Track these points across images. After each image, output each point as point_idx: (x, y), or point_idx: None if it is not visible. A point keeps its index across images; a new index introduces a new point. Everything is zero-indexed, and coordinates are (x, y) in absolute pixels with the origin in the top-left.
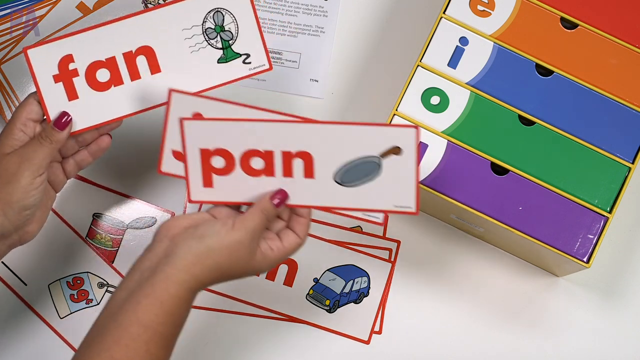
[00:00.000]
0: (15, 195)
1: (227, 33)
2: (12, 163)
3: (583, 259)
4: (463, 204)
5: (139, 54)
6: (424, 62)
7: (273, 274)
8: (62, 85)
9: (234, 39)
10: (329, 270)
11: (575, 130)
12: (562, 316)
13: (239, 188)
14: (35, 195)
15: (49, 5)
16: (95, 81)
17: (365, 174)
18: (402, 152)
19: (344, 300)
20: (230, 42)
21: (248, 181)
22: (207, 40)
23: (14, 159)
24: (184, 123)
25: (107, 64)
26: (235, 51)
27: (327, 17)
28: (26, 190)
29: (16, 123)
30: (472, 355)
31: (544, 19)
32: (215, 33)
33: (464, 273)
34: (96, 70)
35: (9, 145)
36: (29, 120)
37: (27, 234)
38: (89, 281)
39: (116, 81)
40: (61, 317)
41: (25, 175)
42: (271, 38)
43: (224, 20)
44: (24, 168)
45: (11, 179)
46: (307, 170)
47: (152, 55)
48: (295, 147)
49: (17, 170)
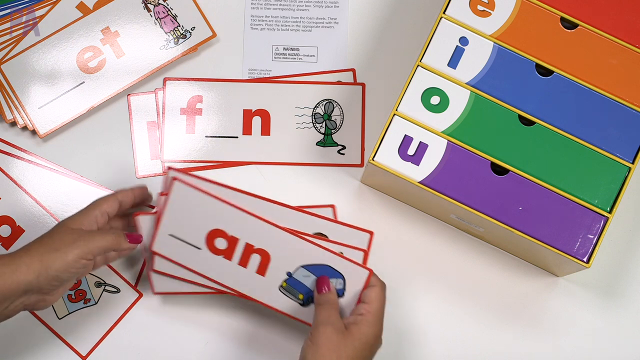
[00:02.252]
0: (56, 265)
1: (332, 122)
2: (70, 237)
3: (583, 259)
4: (463, 204)
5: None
6: (424, 62)
7: (246, 261)
8: None
9: (337, 129)
10: (303, 267)
11: (575, 130)
12: (562, 316)
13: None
14: (73, 273)
15: (49, 5)
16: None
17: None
18: None
19: None
20: (333, 131)
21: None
22: (313, 123)
23: (74, 234)
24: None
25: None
26: (334, 140)
27: (339, 7)
28: (68, 266)
29: (96, 210)
30: (471, 355)
31: (544, 19)
32: (322, 119)
33: (464, 273)
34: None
35: (78, 222)
36: (106, 212)
37: (44, 302)
38: (87, 281)
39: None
40: (59, 317)
41: (75, 252)
42: (286, 35)
43: (333, 111)
44: (78, 245)
45: (61, 249)
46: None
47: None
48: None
49: (71, 244)
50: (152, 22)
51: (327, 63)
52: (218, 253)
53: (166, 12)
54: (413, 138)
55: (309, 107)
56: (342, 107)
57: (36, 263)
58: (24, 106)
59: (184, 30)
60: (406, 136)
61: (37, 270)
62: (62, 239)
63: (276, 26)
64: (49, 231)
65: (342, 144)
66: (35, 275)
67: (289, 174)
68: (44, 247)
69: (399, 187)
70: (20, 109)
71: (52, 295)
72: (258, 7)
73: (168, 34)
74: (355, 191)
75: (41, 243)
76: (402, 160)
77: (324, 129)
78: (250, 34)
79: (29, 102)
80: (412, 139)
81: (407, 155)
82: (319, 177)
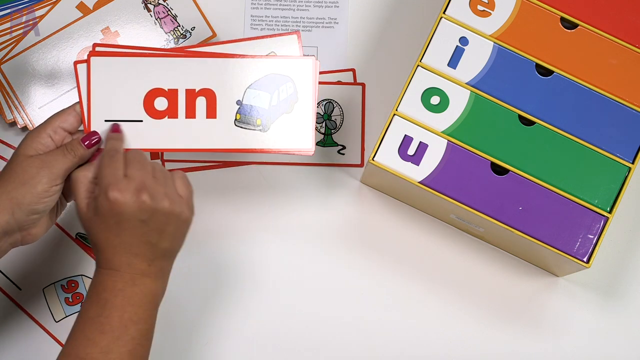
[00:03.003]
0: (27, 198)
1: (332, 122)
2: (32, 166)
3: (583, 259)
4: (463, 204)
5: None
6: (424, 62)
7: (192, 110)
8: None
9: (337, 129)
10: (249, 88)
11: (575, 130)
12: (562, 316)
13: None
14: (47, 203)
15: (49, 5)
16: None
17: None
18: None
19: (274, 114)
20: (333, 131)
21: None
22: None
23: (35, 163)
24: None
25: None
26: (334, 140)
27: (339, 7)
28: (40, 196)
29: (47, 128)
30: (471, 355)
31: (544, 19)
32: (322, 119)
33: (464, 273)
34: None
35: (33, 148)
36: (60, 128)
37: (30, 235)
38: (84, 284)
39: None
40: (56, 320)
41: (42, 181)
42: None
43: (333, 111)
44: (43, 174)
45: (28, 182)
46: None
47: None
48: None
49: (35, 175)
50: (152, 22)
51: (327, 63)
52: (162, 116)
53: (166, 12)
54: (413, 138)
55: None
56: (342, 107)
57: (5, 202)
58: (24, 106)
59: (184, 30)
60: (406, 136)
61: (9, 209)
62: (25, 171)
63: (276, 26)
64: (8, 165)
65: (342, 144)
66: (9, 214)
67: (289, 174)
68: (10, 184)
69: (399, 187)
70: (20, 109)
71: (37, 228)
72: (258, 7)
73: (168, 34)
74: (355, 191)
75: (6, 180)
76: (402, 160)
77: (323, 129)
78: (250, 34)
79: (29, 102)
80: (412, 139)
81: (407, 155)
82: (319, 177)
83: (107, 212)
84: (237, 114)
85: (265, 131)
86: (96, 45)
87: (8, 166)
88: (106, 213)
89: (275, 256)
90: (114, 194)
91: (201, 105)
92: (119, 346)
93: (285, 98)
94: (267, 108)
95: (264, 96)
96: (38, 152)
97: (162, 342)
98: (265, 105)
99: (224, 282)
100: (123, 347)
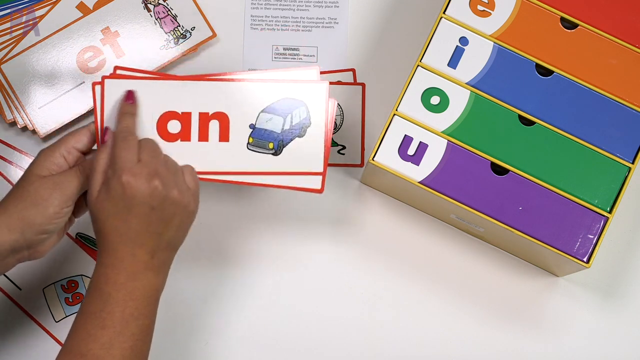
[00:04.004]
0: (38, 220)
1: None
2: (45, 188)
3: (583, 259)
4: (463, 204)
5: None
6: (424, 62)
7: (205, 133)
8: None
9: (337, 129)
10: (263, 112)
11: (575, 130)
12: (562, 316)
13: None
14: (58, 224)
15: (49, 5)
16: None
17: None
18: None
19: (287, 138)
20: (333, 131)
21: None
22: None
23: (48, 185)
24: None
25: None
26: (334, 140)
27: (339, 7)
28: (51, 217)
29: (60, 148)
30: (471, 355)
31: (544, 19)
32: None
33: (464, 273)
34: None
35: (46, 168)
36: (74, 149)
37: (38, 252)
38: (84, 284)
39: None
40: (57, 320)
41: (55, 204)
42: (286, 35)
43: None
44: (55, 197)
45: (40, 204)
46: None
47: None
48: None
49: (48, 197)
50: (152, 22)
51: (327, 63)
52: (174, 139)
53: (166, 12)
54: (413, 138)
55: None
56: (342, 107)
57: (16, 222)
58: (24, 106)
59: (184, 30)
60: (406, 136)
61: (19, 229)
62: (38, 192)
63: (276, 26)
64: (20, 183)
65: (342, 144)
66: (19, 234)
67: None
68: (22, 203)
69: (399, 187)
70: (20, 109)
71: (45, 246)
72: (258, 7)
73: (168, 34)
74: (355, 191)
75: (17, 198)
76: (402, 160)
77: None
78: (250, 34)
79: (29, 102)
80: (412, 139)
81: (407, 155)
82: None
83: (119, 196)
84: (250, 137)
85: (277, 155)
86: (117, 69)
87: (20, 184)
88: (117, 196)
89: (275, 256)
90: (127, 177)
91: (214, 128)
92: (120, 342)
93: (298, 122)
94: (279, 132)
95: (277, 120)
96: (51, 173)
97: (162, 342)
98: (278, 129)
99: (223, 281)
100: (124, 342)
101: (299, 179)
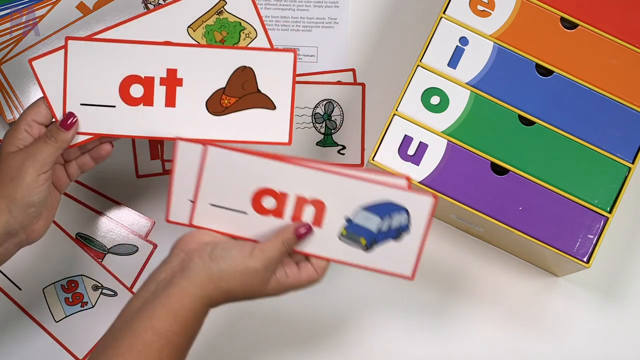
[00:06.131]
0: (19, 192)
1: (332, 122)
2: (16, 160)
3: (583, 259)
4: (463, 204)
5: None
6: (424, 62)
7: (299, 215)
8: None
9: (337, 129)
10: (363, 209)
11: (575, 130)
12: (562, 316)
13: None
14: (39, 193)
15: (49, 5)
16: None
17: None
18: None
19: (381, 237)
20: (333, 131)
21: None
22: (313, 123)
23: (18, 157)
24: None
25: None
26: (334, 140)
27: (339, 7)
28: (30, 187)
29: (21, 123)
30: (471, 354)
31: (544, 19)
32: (322, 119)
33: (464, 273)
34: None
35: (13, 144)
36: (34, 121)
37: (34, 232)
38: (84, 284)
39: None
40: (56, 320)
41: (29, 172)
42: (286, 35)
43: (333, 111)
44: (28, 165)
45: (15, 176)
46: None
47: None
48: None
49: (21, 167)
50: None
51: (327, 63)
52: (267, 213)
53: None
54: (413, 138)
55: (308, 107)
56: (342, 107)
57: (0, 202)
58: (24, 106)
59: None
60: (406, 136)
61: (5, 208)
62: (10, 166)
63: (276, 26)
64: None
65: (342, 144)
66: (7, 213)
67: None
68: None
69: None
70: (21, 108)
71: (38, 223)
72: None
73: None
74: None
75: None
76: (402, 160)
77: (324, 129)
78: None
79: (29, 102)
80: (412, 139)
81: (407, 155)
82: None
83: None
84: (343, 229)
85: (367, 251)
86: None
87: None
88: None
89: None
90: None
91: (309, 213)
92: None
93: (397, 227)
94: (375, 232)
95: (375, 219)
96: (18, 147)
97: None
98: (374, 228)
99: None
100: None
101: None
